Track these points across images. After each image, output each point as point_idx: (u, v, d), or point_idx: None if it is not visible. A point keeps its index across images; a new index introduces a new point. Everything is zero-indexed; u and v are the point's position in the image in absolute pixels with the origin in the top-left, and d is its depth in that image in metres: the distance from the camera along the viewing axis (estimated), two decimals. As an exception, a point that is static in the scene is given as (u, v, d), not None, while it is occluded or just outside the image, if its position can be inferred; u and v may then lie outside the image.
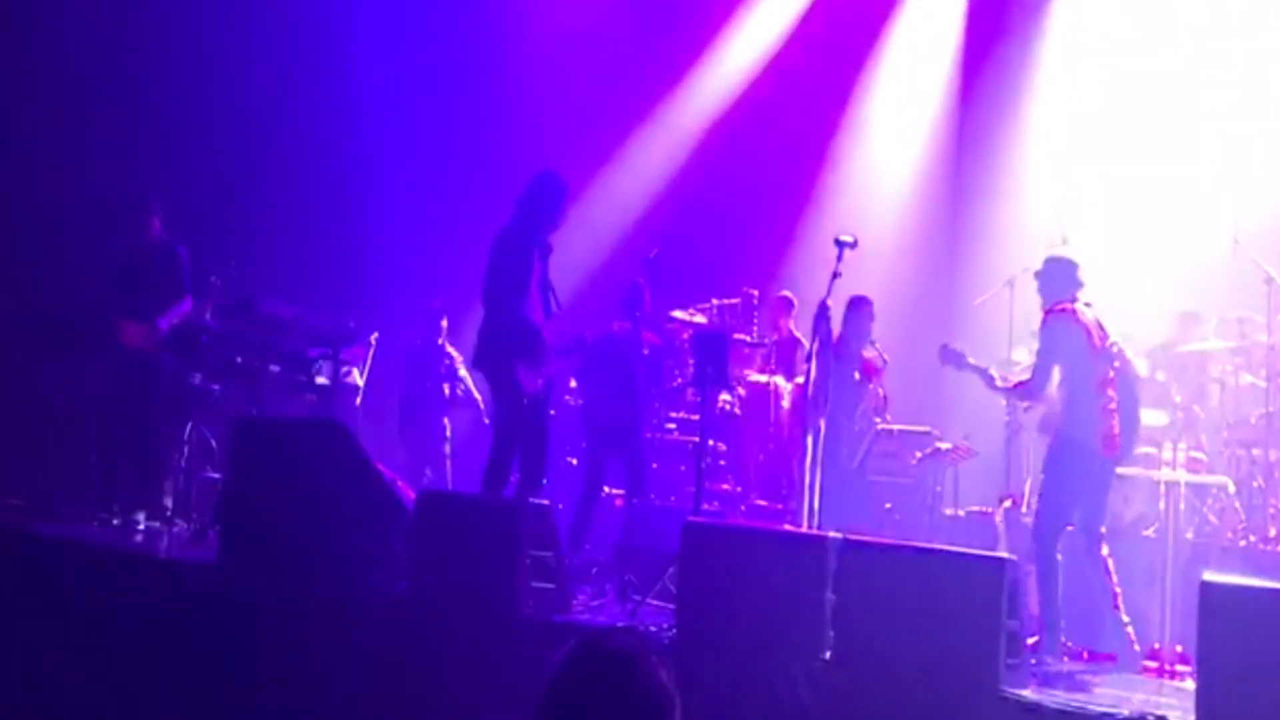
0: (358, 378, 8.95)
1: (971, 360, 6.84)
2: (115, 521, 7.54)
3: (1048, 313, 6.64)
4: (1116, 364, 6.73)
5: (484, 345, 6.69)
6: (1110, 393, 6.56)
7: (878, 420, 8.54)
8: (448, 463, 9.92)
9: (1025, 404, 7.33)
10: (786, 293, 9.74)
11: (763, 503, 9.16)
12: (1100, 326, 6.60)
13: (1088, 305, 6.65)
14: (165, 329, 7.67)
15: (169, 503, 7.89)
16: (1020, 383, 6.84)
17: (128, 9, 9.58)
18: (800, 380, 9.15)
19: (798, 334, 9.61)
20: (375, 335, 9.01)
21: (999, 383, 6.87)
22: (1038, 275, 6.79)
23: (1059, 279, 6.70)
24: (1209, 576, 4.74)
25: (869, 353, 8.53)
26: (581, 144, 11.10)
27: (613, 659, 2.31)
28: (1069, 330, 6.51)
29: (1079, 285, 6.65)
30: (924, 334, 9.58)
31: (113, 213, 7.97)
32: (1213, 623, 4.60)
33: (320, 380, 7.95)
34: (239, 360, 7.85)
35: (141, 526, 7.56)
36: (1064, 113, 10.56)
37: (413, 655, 5.86)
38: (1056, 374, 6.52)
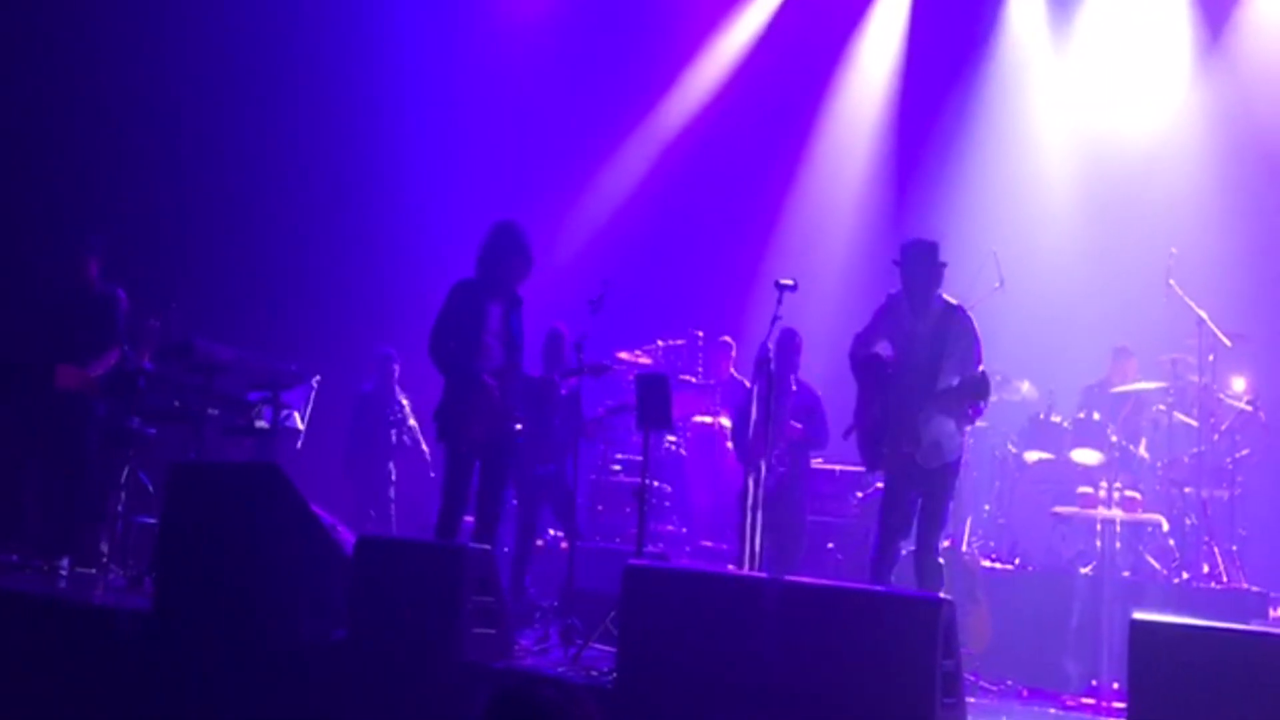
0: (299, 421, 8.88)
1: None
2: (45, 569, 7.40)
3: (963, 309, 6.23)
4: None
5: (440, 404, 6.71)
6: None
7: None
8: (392, 507, 9.89)
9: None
10: (726, 337, 9.81)
11: (708, 544, 9.18)
12: None
13: None
14: (99, 380, 7.56)
15: (105, 549, 7.77)
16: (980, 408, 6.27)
17: (64, 45, 9.51)
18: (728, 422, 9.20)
19: (739, 376, 9.68)
20: (317, 379, 8.95)
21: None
22: (916, 263, 6.22)
23: (940, 262, 6.23)
24: (1138, 615, 4.82)
25: None
26: (531, 185, 11.15)
27: (535, 710, 2.29)
28: None
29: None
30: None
31: (49, 254, 7.88)
32: (1142, 661, 4.67)
33: (260, 424, 7.88)
34: (177, 404, 7.77)
35: (65, 572, 7.42)
36: (1002, 156, 10.78)
37: (352, 703, 5.80)
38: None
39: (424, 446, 9.98)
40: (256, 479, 6.37)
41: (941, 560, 6.30)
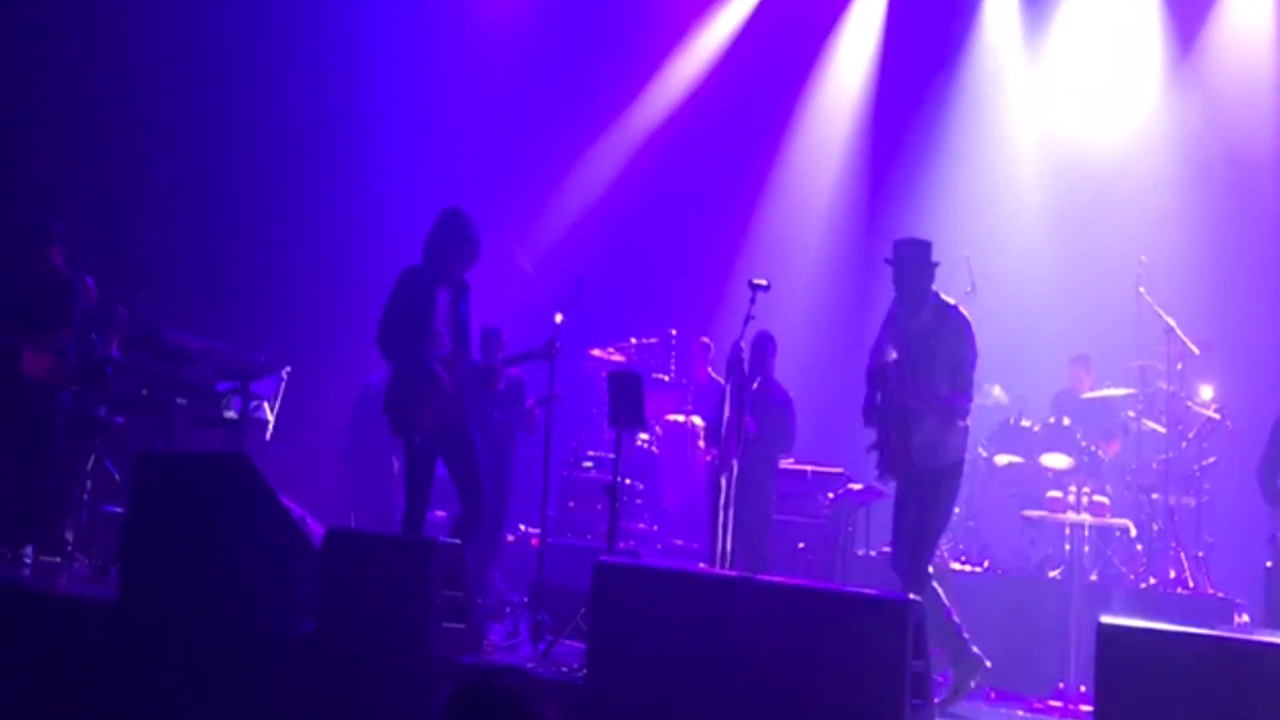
0: (268, 412, 8.81)
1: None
2: (9, 556, 7.31)
3: (955, 309, 5.99)
4: None
5: (389, 396, 6.63)
6: None
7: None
8: (390, 500, 9.80)
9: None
10: (705, 338, 9.84)
11: (679, 542, 9.19)
12: None
13: None
14: (66, 366, 7.45)
15: (70, 538, 7.69)
16: (954, 397, 5.97)
17: (34, 33, 9.39)
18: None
19: (716, 377, 9.69)
20: (287, 370, 8.89)
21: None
22: (904, 263, 6.04)
23: (930, 262, 6.03)
24: (1106, 619, 4.85)
25: None
26: (506, 181, 11.12)
27: (496, 700, 2.28)
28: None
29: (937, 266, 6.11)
30: (837, 377, 9.71)
31: (13, 239, 7.77)
32: (1109, 664, 4.70)
33: (229, 415, 7.82)
34: (145, 393, 7.69)
35: (29, 561, 7.34)
36: (975, 161, 10.85)
37: (319, 696, 5.75)
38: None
39: None
40: (225, 469, 6.31)
41: (931, 569, 6.04)
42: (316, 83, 10.78)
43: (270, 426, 8.79)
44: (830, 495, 8.50)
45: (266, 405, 8.76)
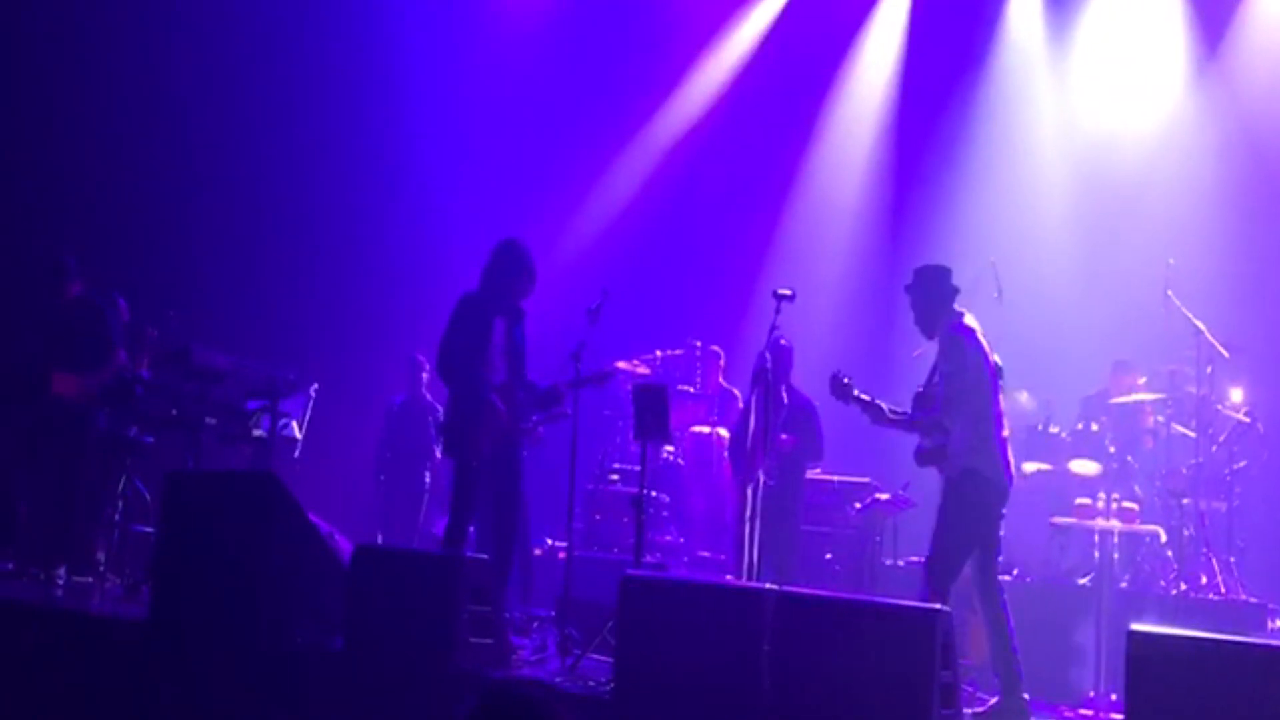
0: (297, 430, 8.87)
1: (857, 393, 6.38)
2: (41, 577, 7.39)
3: (952, 326, 6.15)
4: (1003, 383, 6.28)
5: (446, 418, 6.84)
6: (1004, 419, 6.18)
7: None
8: (419, 516, 9.85)
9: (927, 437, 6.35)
10: (715, 346, 9.83)
11: (705, 554, 9.17)
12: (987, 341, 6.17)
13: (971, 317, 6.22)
14: (96, 386, 7.57)
15: (101, 557, 7.76)
16: (927, 412, 6.22)
17: (62, 47, 9.51)
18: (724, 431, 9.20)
19: (728, 386, 9.70)
20: (315, 387, 8.95)
21: (889, 415, 6.32)
22: (914, 289, 6.30)
23: (941, 288, 6.24)
24: (1136, 627, 4.82)
25: None
26: (531, 192, 11.16)
27: (516, 706, 2.34)
28: (975, 347, 6.08)
29: (957, 292, 6.28)
30: (863, 385, 9.64)
31: (36, 268, 7.88)
32: (1140, 672, 4.67)
33: (258, 433, 7.90)
34: (175, 412, 7.78)
35: (61, 581, 7.42)
36: (1000, 166, 10.80)
37: (349, 712, 5.78)
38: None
39: None
40: (253, 487, 6.37)
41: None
42: (346, 100, 10.87)
43: (299, 444, 8.86)
44: (857, 505, 8.47)
45: (295, 423, 8.83)
